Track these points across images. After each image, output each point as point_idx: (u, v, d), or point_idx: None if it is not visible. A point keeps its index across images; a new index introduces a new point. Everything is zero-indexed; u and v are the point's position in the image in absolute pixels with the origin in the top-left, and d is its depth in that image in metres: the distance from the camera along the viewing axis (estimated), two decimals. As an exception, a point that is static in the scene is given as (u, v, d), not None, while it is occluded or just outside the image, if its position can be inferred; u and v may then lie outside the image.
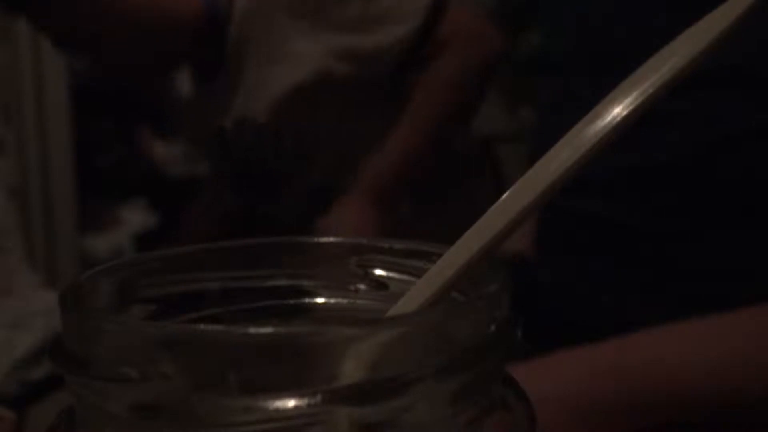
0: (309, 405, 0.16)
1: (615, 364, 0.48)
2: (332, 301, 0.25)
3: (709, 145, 0.55)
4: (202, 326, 0.18)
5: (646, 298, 0.59)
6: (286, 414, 0.16)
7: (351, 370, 0.17)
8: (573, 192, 0.61)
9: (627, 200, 0.60)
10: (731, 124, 0.54)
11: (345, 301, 0.25)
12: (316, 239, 0.26)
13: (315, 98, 1.01)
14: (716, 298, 0.54)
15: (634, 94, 0.20)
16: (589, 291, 0.61)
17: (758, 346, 0.47)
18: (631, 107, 0.20)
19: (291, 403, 0.16)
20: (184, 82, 1.20)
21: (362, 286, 0.25)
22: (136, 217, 2.42)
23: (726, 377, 0.47)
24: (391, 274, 0.24)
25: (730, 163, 0.55)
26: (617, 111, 0.20)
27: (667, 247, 0.58)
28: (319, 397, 0.16)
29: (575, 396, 0.47)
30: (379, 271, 0.25)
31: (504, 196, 0.21)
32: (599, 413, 0.47)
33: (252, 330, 0.17)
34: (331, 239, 0.26)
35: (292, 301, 0.25)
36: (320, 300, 0.25)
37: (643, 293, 0.59)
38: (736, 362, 0.47)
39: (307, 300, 0.25)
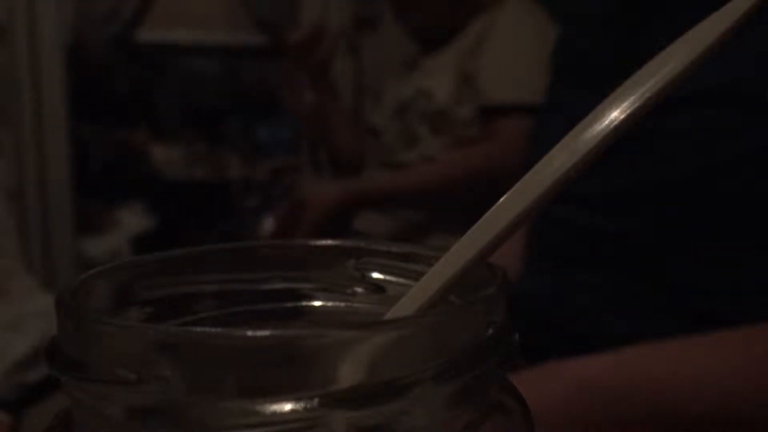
0: (306, 408, 0.16)
1: (609, 379, 0.48)
2: (329, 304, 0.25)
3: (712, 162, 0.55)
4: (199, 329, 0.18)
5: (643, 312, 0.58)
6: (284, 417, 0.16)
7: (348, 373, 0.17)
8: (573, 205, 0.61)
9: (628, 215, 0.59)
10: (735, 142, 0.54)
11: (342, 304, 0.25)
12: (313, 242, 0.26)
13: None
14: (715, 314, 0.54)
15: (631, 99, 0.20)
16: (587, 304, 0.61)
17: (755, 368, 0.47)
18: (628, 112, 0.20)
19: (288, 406, 0.16)
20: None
21: (359, 289, 0.25)
22: (133, 220, 2.42)
23: (720, 398, 0.47)
24: (388, 278, 0.24)
25: (733, 180, 0.54)
26: (614, 115, 0.20)
27: (667, 262, 0.57)
28: (316, 401, 0.16)
29: (567, 409, 0.47)
30: (376, 274, 0.25)
31: (501, 199, 0.21)
32: (590, 428, 0.47)
33: (249, 333, 0.17)
34: (329, 242, 0.26)
35: (289, 304, 0.25)
36: (317, 303, 0.25)
37: (640, 307, 0.59)
38: (732, 383, 0.47)
39: (304, 303, 0.25)
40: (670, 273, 0.57)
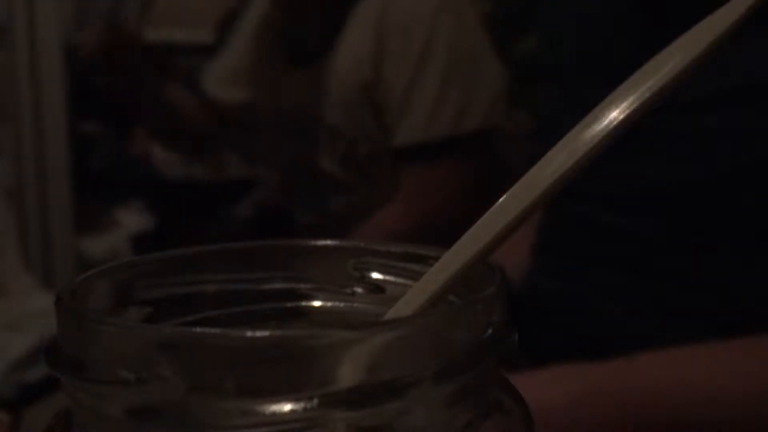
0: (306, 408, 0.16)
1: (621, 384, 0.48)
2: (329, 304, 0.25)
3: (737, 162, 0.54)
4: (199, 329, 0.18)
5: (656, 311, 0.58)
6: (283, 417, 0.16)
7: (348, 373, 0.17)
8: (589, 203, 0.61)
9: (646, 214, 0.59)
10: (761, 142, 0.54)
11: (342, 304, 0.25)
12: (313, 242, 0.26)
13: None
14: (731, 315, 0.53)
15: (631, 99, 0.20)
16: (598, 302, 0.61)
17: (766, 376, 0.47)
18: (627, 111, 0.20)
19: (288, 406, 0.16)
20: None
21: (359, 290, 0.25)
22: (133, 219, 2.42)
23: (733, 404, 0.47)
24: (387, 278, 0.24)
25: (756, 181, 0.54)
26: (614, 115, 0.20)
27: (684, 262, 0.57)
28: (315, 401, 0.16)
29: (577, 411, 0.47)
30: (375, 275, 0.25)
31: (500, 199, 0.21)
32: (599, 431, 0.47)
33: (249, 333, 0.17)
34: (328, 242, 0.26)
35: (288, 304, 0.25)
36: (317, 303, 0.25)
37: (654, 307, 0.58)
38: (746, 389, 0.47)
39: (303, 303, 0.25)
40: (686, 273, 0.57)
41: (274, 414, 0.16)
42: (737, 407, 0.47)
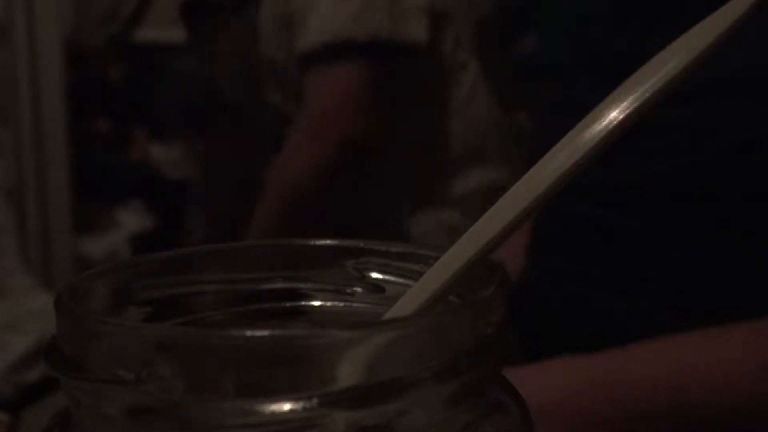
0: (305, 408, 0.16)
1: (616, 376, 0.48)
2: (328, 304, 0.25)
3: (718, 154, 0.55)
4: (198, 329, 0.18)
5: (651, 306, 0.58)
6: (283, 417, 0.16)
7: (347, 373, 0.17)
8: (580, 198, 0.61)
9: (636, 208, 0.59)
10: (745, 131, 0.54)
11: (341, 304, 0.25)
12: (312, 242, 0.26)
13: None
14: (725, 308, 0.54)
15: (630, 99, 0.20)
16: (594, 299, 0.61)
17: (760, 362, 0.47)
18: (627, 111, 0.20)
19: (287, 406, 0.16)
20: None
21: (358, 289, 0.25)
22: (132, 219, 2.42)
23: (729, 392, 0.47)
24: (387, 277, 0.24)
25: (738, 172, 0.54)
26: (614, 115, 0.20)
27: (677, 256, 0.57)
28: (315, 401, 0.16)
29: (574, 404, 0.47)
30: (375, 274, 0.25)
31: (501, 199, 0.21)
32: (596, 424, 0.47)
33: (248, 333, 0.17)
34: (328, 242, 0.26)
35: (288, 304, 0.25)
36: (316, 303, 0.25)
37: (648, 302, 0.59)
38: (739, 377, 0.47)
39: (303, 303, 0.25)
40: (680, 267, 0.57)
41: (273, 414, 0.16)
42: (734, 394, 0.47)
